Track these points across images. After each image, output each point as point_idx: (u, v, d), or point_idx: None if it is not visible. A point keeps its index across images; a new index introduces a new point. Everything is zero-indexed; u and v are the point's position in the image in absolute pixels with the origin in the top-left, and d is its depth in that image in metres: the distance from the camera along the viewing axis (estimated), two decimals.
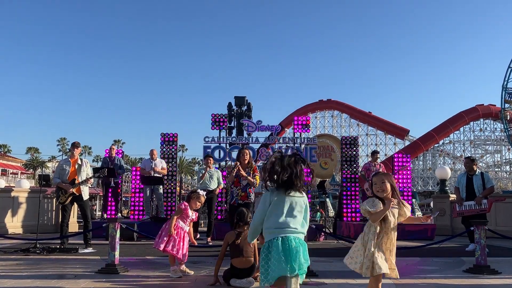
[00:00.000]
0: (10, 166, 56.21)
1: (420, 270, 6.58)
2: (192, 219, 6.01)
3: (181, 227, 5.84)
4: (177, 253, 5.65)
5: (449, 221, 13.02)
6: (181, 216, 5.89)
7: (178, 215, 5.90)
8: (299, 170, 3.08)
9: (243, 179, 7.81)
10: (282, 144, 13.34)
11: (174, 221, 5.82)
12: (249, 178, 7.66)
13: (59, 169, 8.65)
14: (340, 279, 5.57)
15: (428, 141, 48.76)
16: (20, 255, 7.51)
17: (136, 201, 12.01)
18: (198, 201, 6.05)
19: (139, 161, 78.34)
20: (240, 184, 7.84)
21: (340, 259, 7.49)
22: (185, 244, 5.82)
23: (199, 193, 6.15)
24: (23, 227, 11.73)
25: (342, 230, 12.26)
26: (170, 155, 12.41)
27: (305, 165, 3.14)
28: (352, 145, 12.98)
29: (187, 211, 5.91)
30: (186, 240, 5.88)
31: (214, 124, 12.75)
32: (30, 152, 78.77)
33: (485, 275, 5.89)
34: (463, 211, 8.93)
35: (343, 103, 56.63)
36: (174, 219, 5.84)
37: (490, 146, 51.30)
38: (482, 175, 9.06)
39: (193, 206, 6.03)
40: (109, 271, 5.73)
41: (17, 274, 5.71)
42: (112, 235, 5.90)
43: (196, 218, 6.26)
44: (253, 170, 7.83)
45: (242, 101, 19.03)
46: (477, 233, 6.12)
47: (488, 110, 48.77)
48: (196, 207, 6.09)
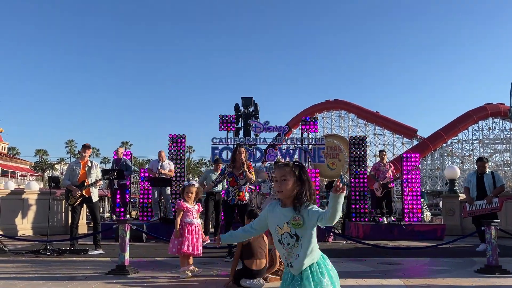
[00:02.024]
0: (19, 169, 56.65)
1: (430, 270, 6.54)
2: (197, 209, 6.08)
3: (189, 223, 5.89)
4: (195, 250, 5.74)
5: (459, 221, 12.93)
6: (184, 213, 5.94)
7: (180, 215, 5.95)
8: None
9: (241, 178, 7.45)
10: (289, 144, 13.32)
11: (178, 223, 5.87)
12: (248, 174, 7.31)
13: (69, 170, 8.72)
14: (350, 279, 5.54)
15: (436, 141, 48.43)
16: (30, 256, 7.57)
17: (144, 202, 12.07)
18: (189, 192, 6.12)
19: (146, 163, 78.75)
20: (237, 184, 7.49)
21: (349, 259, 7.50)
22: (199, 238, 5.89)
23: (187, 184, 6.24)
24: (33, 229, 11.82)
25: (350, 231, 12.22)
26: (178, 156, 12.45)
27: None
28: (360, 145, 12.93)
29: (183, 206, 5.97)
30: (200, 232, 5.98)
31: (221, 125, 12.78)
32: (39, 154, 79.44)
33: (497, 276, 5.84)
34: (473, 210, 8.86)
35: (350, 103, 56.42)
36: (178, 221, 5.89)
37: (499, 145, 50.86)
38: (493, 174, 8.99)
39: (187, 199, 6.08)
40: (119, 272, 5.76)
41: (28, 276, 5.75)
42: (122, 236, 5.92)
43: (200, 209, 6.28)
44: (248, 166, 7.45)
45: (249, 102, 19.06)
46: (488, 233, 6.07)
47: (497, 109, 48.35)
48: (190, 199, 6.12)
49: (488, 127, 50.58)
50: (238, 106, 18.99)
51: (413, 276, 5.93)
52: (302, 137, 13.14)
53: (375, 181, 11.61)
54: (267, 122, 13.07)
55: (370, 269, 6.48)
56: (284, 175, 2.58)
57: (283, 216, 2.56)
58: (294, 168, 2.60)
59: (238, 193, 7.44)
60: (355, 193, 12.44)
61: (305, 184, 2.58)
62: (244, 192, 7.51)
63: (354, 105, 55.97)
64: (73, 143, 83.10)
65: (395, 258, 7.65)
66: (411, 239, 10.89)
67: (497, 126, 50.53)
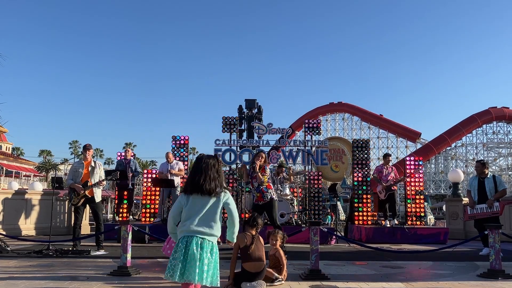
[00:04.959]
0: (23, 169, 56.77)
1: (433, 274, 6.51)
2: None
3: None
4: None
5: (462, 225, 12.88)
6: None
7: None
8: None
9: (254, 180, 8.19)
10: (293, 147, 13.32)
11: None
12: (259, 175, 8.09)
13: (72, 170, 8.75)
14: (352, 282, 5.52)
15: (440, 144, 48.35)
16: (33, 257, 7.58)
17: (147, 203, 12.09)
18: None
19: (150, 164, 78.89)
20: (253, 186, 8.24)
21: (352, 262, 7.48)
22: None
23: None
24: (36, 229, 11.85)
25: (353, 234, 12.18)
26: (181, 157, 12.49)
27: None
28: (363, 148, 12.90)
29: None
30: None
31: (225, 127, 12.79)
32: (43, 155, 79.65)
33: (500, 280, 5.81)
34: (474, 214, 8.83)
35: (354, 105, 56.40)
36: None
37: (504, 149, 50.72)
38: (494, 177, 8.94)
39: None
40: (121, 273, 5.76)
41: (31, 276, 5.75)
42: (124, 237, 5.93)
43: None
44: (262, 169, 8.23)
45: (253, 104, 19.00)
46: (491, 237, 6.03)
47: (501, 113, 48.23)
48: None
49: (493, 131, 50.46)
50: (241, 108, 18.94)
51: (415, 279, 5.90)
52: (305, 139, 13.13)
53: (378, 183, 11.58)
54: (270, 124, 13.08)
55: (372, 272, 6.46)
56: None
57: None
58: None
59: (256, 194, 8.21)
60: (358, 196, 12.41)
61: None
62: (262, 193, 8.13)
63: (358, 108, 55.94)
64: (77, 143, 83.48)
65: (398, 261, 7.62)
66: (414, 242, 10.86)
67: (502, 130, 50.40)
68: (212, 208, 3.50)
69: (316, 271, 5.67)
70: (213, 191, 3.47)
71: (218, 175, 3.55)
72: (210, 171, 3.53)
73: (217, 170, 3.57)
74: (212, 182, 3.48)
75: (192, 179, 3.56)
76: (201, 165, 3.56)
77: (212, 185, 3.48)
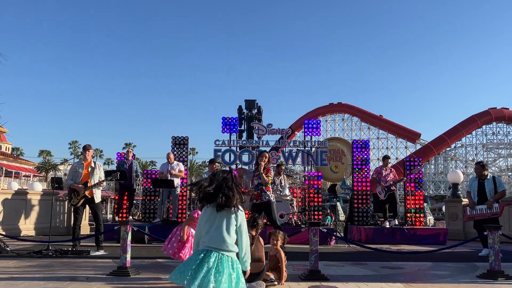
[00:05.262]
0: (23, 169, 56.72)
1: (432, 275, 6.51)
2: None
3: (192, 234, 5.82)
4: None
5: (461, 226, 12.88)
6: (193, 223, 5.88)
7: (189, 223, 5.90)
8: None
9: (256, 178, 8.20)
10: (292, 147, 13.32)
11: (186, 229, 5.82)
12: (263, 176, 8.07)
13: (72, 171, 8.75)
14: (352, 283, 5.53)
15: (440, 145, 48.37)
16: (33, 257, 7.58)
17: (147, 204, 12.10)
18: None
19: (149, 164, 78.87)
20: (253, 183, 8.23)
21: (351, 263, 7.49)
22: None
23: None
24: (35, 229, 11.85)
25: (353, 234, 12.19)
26: (181, 158, 12.49)
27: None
28: (363, 149, 12.91)
29: (196, 217, 5.90)
30: None
31: (225, 127, 12.80)
32: (43, 155, 79.65)
33: (499, 281, 5.81)
34: (474, 215, 8.84)
35: (354, 106, 56.42)
36: (186, 227, 5.83)
37: (503, 150, 50.71)
38: (494, 179, 8.95)
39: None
40: (121, 273, 5.76)
41: (30, 276, 5.76)
42: (124, 237, 5.93)
43: None
44: (266, 170, 8.21)
45: (253, 104, 19.04)
46: (491, 238, 6.04)
47: (501, 114, 48.25)
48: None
49: (492, 131, 50.47)
50: (241, 108, 18.99)
51: (415, 280, 5.91)
52: (305, 140, 13.14)
53: (378, 184, 11.59)
54: (270, 124, 13.09)
55: (371, 273, 6.46)
56: None
57: None
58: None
59: (254, 192, 8.21)
60: (358, 196, 12.42)
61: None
62: (259, 192, 8.11)
63: (357, 108, 55.96)
64: (77, 144, 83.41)
65: (397, 262, 7.63)
66: (413, 243, 10.87)
67: (501, 131, 50.41)
68: (228, 224, 3.33)
69: (315, 271, 5.68)
70: (231, 207, 3.32)
71: (237, 192, 3.39)
72: (231, 189, 3.36)
73: (237, 186, 3.42)
74: (233, 199, 3.33)
75: (210, 194, 3.36)
76: (222, 183, 3.36)
77: (231, 202, 3.32)
